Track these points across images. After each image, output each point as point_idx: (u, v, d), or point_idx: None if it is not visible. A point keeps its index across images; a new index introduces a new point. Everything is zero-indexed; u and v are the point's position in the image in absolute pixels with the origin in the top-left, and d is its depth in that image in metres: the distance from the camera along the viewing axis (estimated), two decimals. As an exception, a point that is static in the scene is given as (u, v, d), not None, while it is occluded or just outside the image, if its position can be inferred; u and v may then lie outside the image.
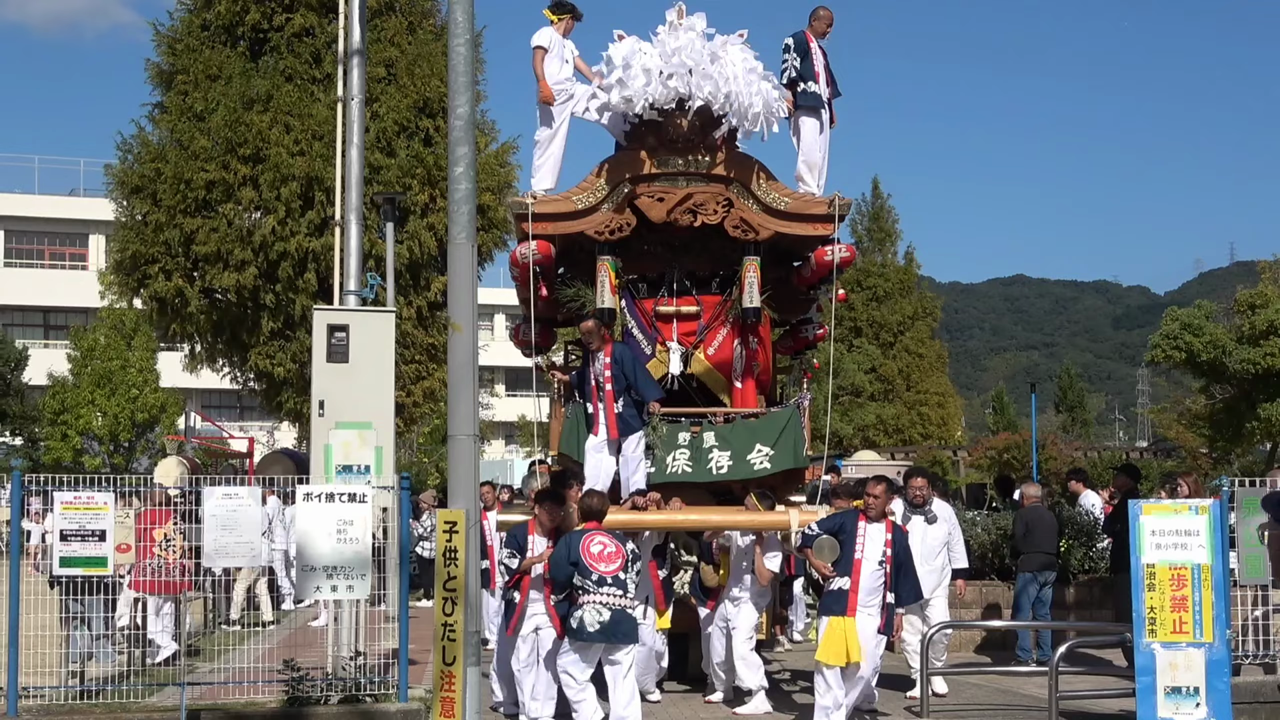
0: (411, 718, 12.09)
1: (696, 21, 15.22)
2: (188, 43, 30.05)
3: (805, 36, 16.38)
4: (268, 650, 15.68)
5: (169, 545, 14.27)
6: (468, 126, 12.00)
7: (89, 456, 52.98)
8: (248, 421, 64.49)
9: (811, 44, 16.36)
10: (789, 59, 16.22)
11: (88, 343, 54.58)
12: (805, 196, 16.02)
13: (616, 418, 14.86)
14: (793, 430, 15.45)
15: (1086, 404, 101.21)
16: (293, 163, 28.64)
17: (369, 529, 12.26)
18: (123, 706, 12.24)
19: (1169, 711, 13.18)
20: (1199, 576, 13.19)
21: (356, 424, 13.62)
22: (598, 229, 15.60)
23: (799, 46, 16.26)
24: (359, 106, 15.74)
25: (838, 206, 15.89)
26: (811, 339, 18.14)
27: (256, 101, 29.10)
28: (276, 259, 28.93)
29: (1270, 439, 41.61)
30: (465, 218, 11.89)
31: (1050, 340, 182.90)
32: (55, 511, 12.04)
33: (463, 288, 12.03)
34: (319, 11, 29.51)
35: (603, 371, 14.92)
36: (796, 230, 15.90)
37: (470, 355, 11.93)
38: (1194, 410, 44.37)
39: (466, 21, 12.04)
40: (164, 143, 29.60)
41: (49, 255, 75.71)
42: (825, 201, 15.93)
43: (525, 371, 59.32)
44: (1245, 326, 39.01)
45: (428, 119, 30.30)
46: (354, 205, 15.65)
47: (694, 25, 15.19)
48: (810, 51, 16.28)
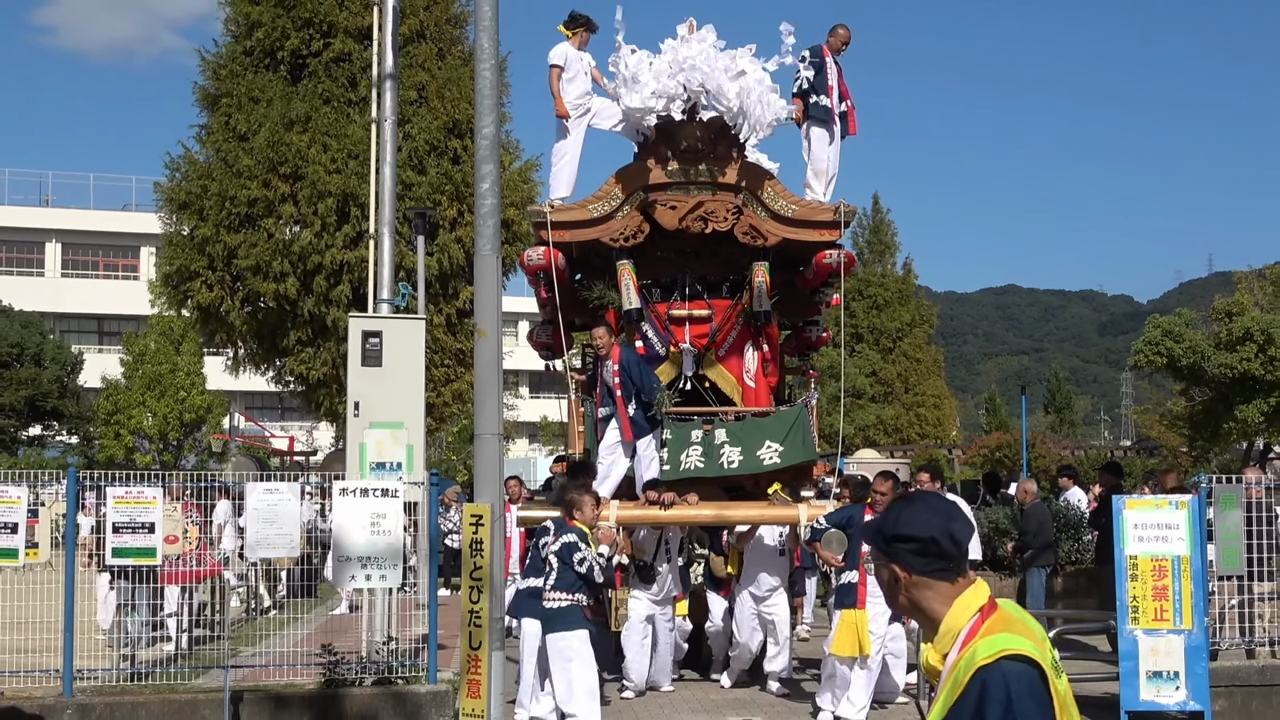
0: (440, 699, 12.08)
1: (707, 34, 15.03)
2: (231, 68, 30.13)
3: (822, 51, 16.22)
4: (306, 635, 15.70)
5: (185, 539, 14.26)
6: (493, 146, 12.02)
7: (140, 454, 53.10)
8: (288, 421, 64.58)
9: (827, 58, 16.21)
10: (803, 71, 16.05)
11: (139, 348, 54.74)
12: (812, 204, 15.91)
13: (629, 421, 14.78)
14: (801, 427, 15.30)
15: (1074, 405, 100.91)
16: (330, 180, 28.72)
17: (400, 522, 12.26)
18: (170, 688, 12.25)
19: (1151, 694, 13.16)
20: (1179, 567, 13.18)
21: (389, 424, 13.62)
22: (613, 236, 15.50)
23: (814, 60, 16.09)
24: (392, 127, 15.74)
25: (843, 213, 15.76)
26: (816, 340, 18.06)
27: (296, 122, 29.17)
28: (313, 270, 29.00)
29: (1246, 438, 41.55)
30: (491, 231, 11.90)
31: (1040, 346, 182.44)
32: (108, 505, 12.05)
33: (488, 296, 12.04)
34: (355, 38, 29.57)
35: (612, 378, 14.84)
36: (804, 236, 15.77)
37: (495, 359, 11.95)
38: (1175, 411, 44.30)
39: (492, 48, 12.06)
40: (210, 161, 29.70)
41: (103, 266, 75.91)
42: (831, 209, 15.81)
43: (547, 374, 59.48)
44: (1223, 333, 38.94)
45: (456, 139, 30.36)
46: (387, 220, 15.66)
47: (705, 38, 15.00)
48: (825, 66, 16.12)
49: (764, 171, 15.66)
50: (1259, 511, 13.75)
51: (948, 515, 3.73)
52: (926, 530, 3.68)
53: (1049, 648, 3.65)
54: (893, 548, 3.73)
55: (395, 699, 12.05)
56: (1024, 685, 3.49)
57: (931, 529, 3.68)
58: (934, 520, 3.70)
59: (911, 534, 3.69)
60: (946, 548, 3.67)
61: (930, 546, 3.67)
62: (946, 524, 3.69)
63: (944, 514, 3.73)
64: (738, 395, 16.01)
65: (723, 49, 15.06)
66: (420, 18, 30.61)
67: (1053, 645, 3.72)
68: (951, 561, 3.69)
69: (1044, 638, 3.68)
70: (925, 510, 3.74)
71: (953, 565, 3.69)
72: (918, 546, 3.68)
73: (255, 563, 17.08)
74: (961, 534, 3.71)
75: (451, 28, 32.04)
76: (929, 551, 3.67)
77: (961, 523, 3.74)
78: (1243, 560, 13.62)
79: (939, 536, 3.67)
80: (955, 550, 3.69)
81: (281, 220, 29.28)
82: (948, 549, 3.67)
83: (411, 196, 27.96)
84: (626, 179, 15.58)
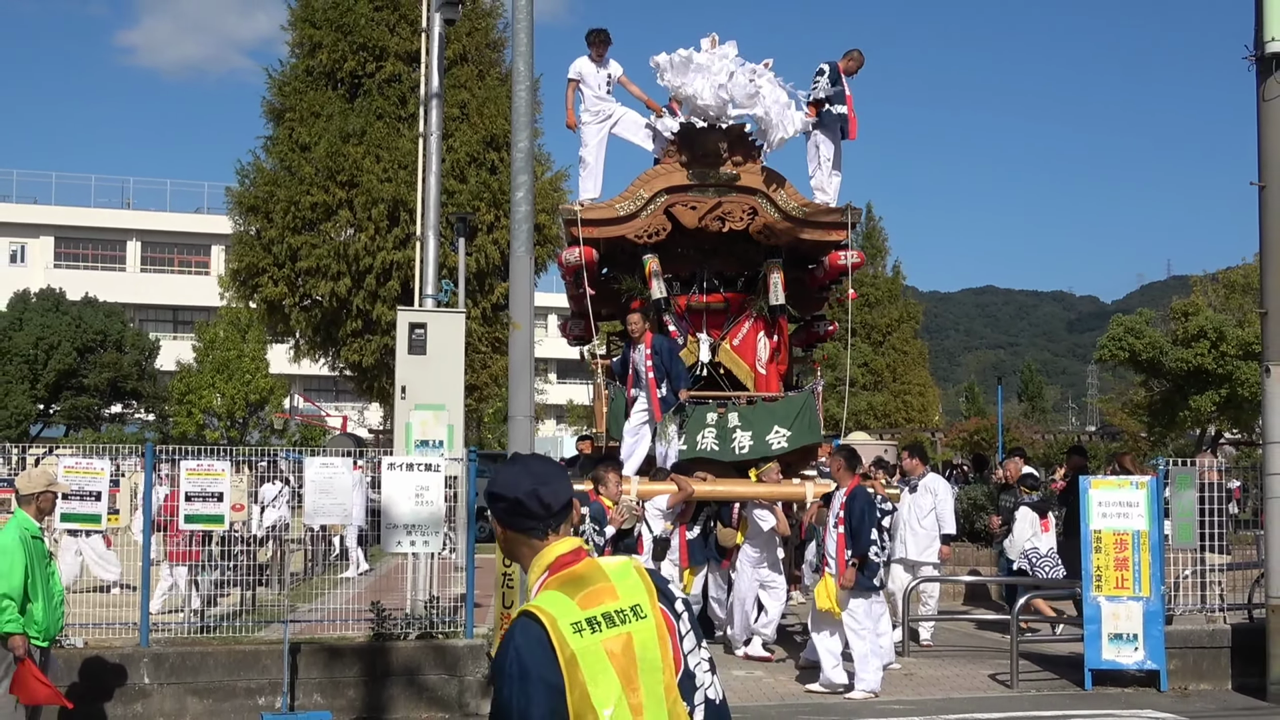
0: (475, 652, 12.09)
1: (729, 49, 14.78)
2: (295, 85, 30.19)
3: (839, 69, 15.93)
4: (355, 594, 15.72)
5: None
6: (527, 158, 12.05)
7: (209, 430, 53.27)
8: (342, 402, 64.62)
9: (843, 77, 15.94)
10: (821, 81, 15.79)
11: (209, 336, 54.96)
12: (821, 206, 15.72)
13: (660, 401, 14.56)
14: (808, 412, 15.12)
15: (1044, 395, 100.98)
16: (381, 188, 28.78)
17: (442, 493, 12.26)
18: (235, 639, 12.27)
19: (1112, 654, 13.15)
20: (1138, 541, 13.17)
21: (432, 406, 13.61)
22: (638, 233, 15.33)
23: (832, 74, 15.83)
24: (437, 142, 15.73)
25: (850, 215, 15.60)
26: (823, 333, 17.79)
27: (352, 136, 29.22)
28: (364, 270, 29.08)
29: (1199, 425, 41.51)
30: (525, 235, 11.93)
31: (1014, 341, 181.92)
32: (181, 476, 12.07)
33: (522, 293, 12.07)
34: (404, 61, 29.62)
35: (644, 360, 14.65)
36: (813, 236, 15.60)
37: (528, 349, 11.99)
38: (1135, 401, 44.29)
39: (527, 71, 12.09)
40: (276, 170, 29.76)
41: (178, 263, 76.08)
42: (840, 210, 15.64)
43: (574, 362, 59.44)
44: (1179, 331, 38.90)
45: (493, 151, 30.38)
46: (432, 224, 15.65)
47: (726, 53, 14.74)
48: (842, 83, 15.86)
49: (777, 175, 15.45)
50: (1211, 492, 13.72)
51: (539, 478, 3.62)
52: (513, 490, 3.59)
53: (609, 606, 3.47)
54: (491, 504, 3.66)
55: (436, 651, 12.06)
56: (528, 637, 3.39)
57: (518, 490, 3.59)
58: (523, 482, 3.61)
59: (502, 493, 3.62)
60: (532, 507, 3.57)
61: (517, 506, 3.59)
62: (535, 486, 3.59)
63: (535, 476, 3.63)
64: (750, 381, 15.80)
65: (742, 64, 14.82)
66: (463, 42, 30.61)
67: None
68: (538, 520, 3.59)
69: (616, 597, 3.51)
70: (519, 472, 3.65)
71: (539, 524, 3.59)
72: (507, 505, 3.61)
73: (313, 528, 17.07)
74: (551, 496, 3.60)
75: (490, 51, 32.04)
76: (516, 511, 3.59)
77: (554, 486, 3.63)
78: (1195, 535, 13.59)
79: (524, 497, 3.57)
80: (542, 510, 3.58)
81: (338, 224, 29.34)
82: (533, 509, 3.58)
83: (454, 203, 27.96)
84: (650, 181, 15.38)
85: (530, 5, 12.11)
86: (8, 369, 54.20)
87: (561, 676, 3.36)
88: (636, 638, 3.48)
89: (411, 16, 28.67)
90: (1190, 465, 14.09)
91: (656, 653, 3.50)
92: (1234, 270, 43.89)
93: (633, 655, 3.45)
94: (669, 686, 3.50)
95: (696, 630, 3.69)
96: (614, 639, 3.44)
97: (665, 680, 3.50)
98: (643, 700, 3.42)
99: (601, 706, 3.36)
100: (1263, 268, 13.51)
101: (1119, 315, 42.36)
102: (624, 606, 3.50)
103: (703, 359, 15.76)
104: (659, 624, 3.55)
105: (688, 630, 3.65)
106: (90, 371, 55.49)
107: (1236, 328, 37.63)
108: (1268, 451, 13.12)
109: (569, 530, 3.70)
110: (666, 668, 3.51)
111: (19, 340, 54.60)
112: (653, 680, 3.47)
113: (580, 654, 3.38)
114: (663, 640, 3.53)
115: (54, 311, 56.26)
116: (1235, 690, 13.39)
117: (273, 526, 17.09)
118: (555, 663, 3.37)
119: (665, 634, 3.56)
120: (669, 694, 3.49)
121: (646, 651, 3.48)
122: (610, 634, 3.44)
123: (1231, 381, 37.16)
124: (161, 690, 11.48)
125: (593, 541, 12.47)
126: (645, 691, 3.44)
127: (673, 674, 3.53)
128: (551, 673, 3.37)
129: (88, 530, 13.19)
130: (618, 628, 3.46)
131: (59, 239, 74.01)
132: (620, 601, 3.51)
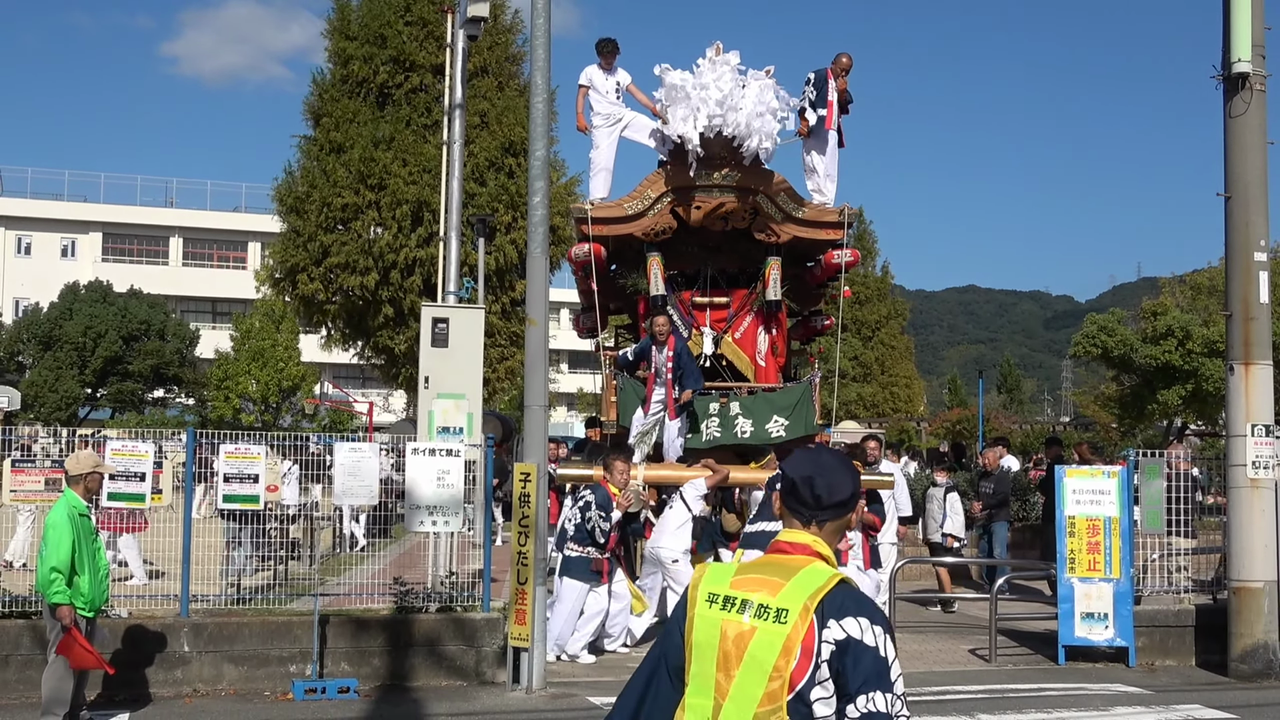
0: (492, 624, 12.08)
1: (731, 57, 14.42)
2: (331, 93, 30.21)
3: (826, 74, 15.57)
4: (380, 569, 15.71)
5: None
6: (544, 166, 12.01)
7: (245, 415, 53.32)
8: (368, 389, 64.58)
9: (830, 80, 15.54)
10: (807, 90, 15.52)
11: (246, 326, 54.94)
12: (819, 206, 15.53)
13: (675, 401, 14.34)
14: (805, 403, 14.93)
15: (1022, 387, 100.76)
16: (407, 190, 28.77)
17: (462, 477, 12.25)
18: (269, 611, 12.25)
19: (1084, 632, 13.14)
20: (1109, 527, 13.16)
21: (453, 395, 13.59)
22: (645, 231, 15.16)
23: (818, 81, 15.51)
24: (460, 149, 15.71)
25: (846, 215, 15.46)
26: (820, 327, 17.62)
27: (382, 142, 29.23)
28: (389, 266, 29.10)
29: (1166, 418, 41.50)
30: (541, 237, 11.90)
31: (994, 337, 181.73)
32: (219, 458, 12.05)
33: (538, 290, 12.05)
34: (431, 73, 29.62)
35: (665, 363, 14.38)
36: (812, 235, 15.42)
37: (543, 342, 11.97)
38: (1107, 394, 44.28)
39: (544, 84, 12.06)
40: (313, 172, 29.78)
41: (216, 258, 76.13)
42: (836, 211, 15.48)
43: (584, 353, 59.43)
44: (1149, 329, 38.91)
45: (511, 157, 30.32)
46: (455, 225, 15.63)
47: (729, 60, 14.39)
48: (825, 85, 15.49)
49: (778, 177, 15.21)
50: (1179, 481, 13.69)
51: (820, 470, 3.43)
52: (794, 472, 3.46)
53: (755, 597, 3.28)
54: (780, 479, 3.56)
55: (455, 624, 12.05)
56: (691, 584, 3.47)
57: (797, 473, 3.44)
58: (805, 468, 3.44)
59: (786, 471, 3.51)
60: (803, 493, 3.42)
61: (792, 487, 3.46)
62: (813, 474, 3.41)
63: (818, 467, 3.43)
64: (751, 373, 15.65)
65: (744, 72, 14.51)
66: (484, 56, 30.53)
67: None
68: (805, 507, 3.43)
69: (772, 595, 3.28)
70: (807, 459, 3.51)
71: (804, 511, 3.42)
72: (786, 484, 3.48)
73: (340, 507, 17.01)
74: (823, 489, 3.39)
75: (509, 64, 31.94)
76: (790, 491, 3.47)
77: (831, 481, 3.40)
78: (1163, 521, 13.56)
79: (799, 482, 3.43)
80: (810, 499, 3.42)
81: (365, 223, 29.37)
82: (803, 495, 3.43)
83: (474, 205, 27.93)
84: (657, 181, 15.19)
85: (548, 24, 12.06)
86: (59, 355, 54.45)
87: (685, 626, 3.41)
88: (760, 636, 3.25)
89: (438, 32, 28.64)
90: (1159, 456, 14.07)
91: (772, 659, 3.22)
92: (1200, 273, 43.91)
93: (744, 648, 3.27)
94: (771, 695, 3.21)
95: (855, 675, 3.17)
96: (735, 624, 3.30)
97: (769, 688, 3.22)
98: (731, 690, 3.26)
99: (691, 670, 3.37)
100: (1228, 273, 13.48)
101: (1093, 314, 42.40)
102: (770, 605, 3.27)
103: (706, 351, 15.58)
104: (794, 638, 3.21)
105: (823, 663, 3.20)
106: (135, 359, 55.68)
107: (1202, 327, 37.64)
108: (1230, 444, 13.10)
109: (838, 529, 3.47)
110: (776, 678, 3.22)
111: (69, 329, 54.82)
112: (751, 679, 3.25)
113: (698, 620, 3.38)
114: (787, 652, 3.21)
115: (101, 302, 56.43)
116: (1199, 666, 13.39)
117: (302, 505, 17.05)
118: (685, 612, 3.42)
119: (794, 650, 3.21)
120: (769, 701, 3.21)
121: (761, 652, 3.24)
122: (735, 618, 3.31)
123: (1197, 377, 37.18)
124: (200, 658, 11.48)
125: (598, 527, 12.60)
126: (738, 684, 3.26)
127: (784, 688, 3.20)
128: (682, 617, 3.44)
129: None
130: (747, 618, 3.29)
131: (107, 235, 74.09)
132: (771, 600, 3.28)
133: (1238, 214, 13.08)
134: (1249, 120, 12.98)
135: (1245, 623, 12.86)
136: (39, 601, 10.09)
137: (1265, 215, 13.16)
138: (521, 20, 32.67)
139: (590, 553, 12.78)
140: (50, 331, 55.45)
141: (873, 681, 3.16)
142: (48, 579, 9.15)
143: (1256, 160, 13.06)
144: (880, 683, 3.16)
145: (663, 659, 3.47)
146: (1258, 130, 13.04)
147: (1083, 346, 40.18)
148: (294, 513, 16.07)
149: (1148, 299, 43.49)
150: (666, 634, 3.49)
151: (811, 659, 3.20)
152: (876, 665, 3.18)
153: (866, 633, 3.21)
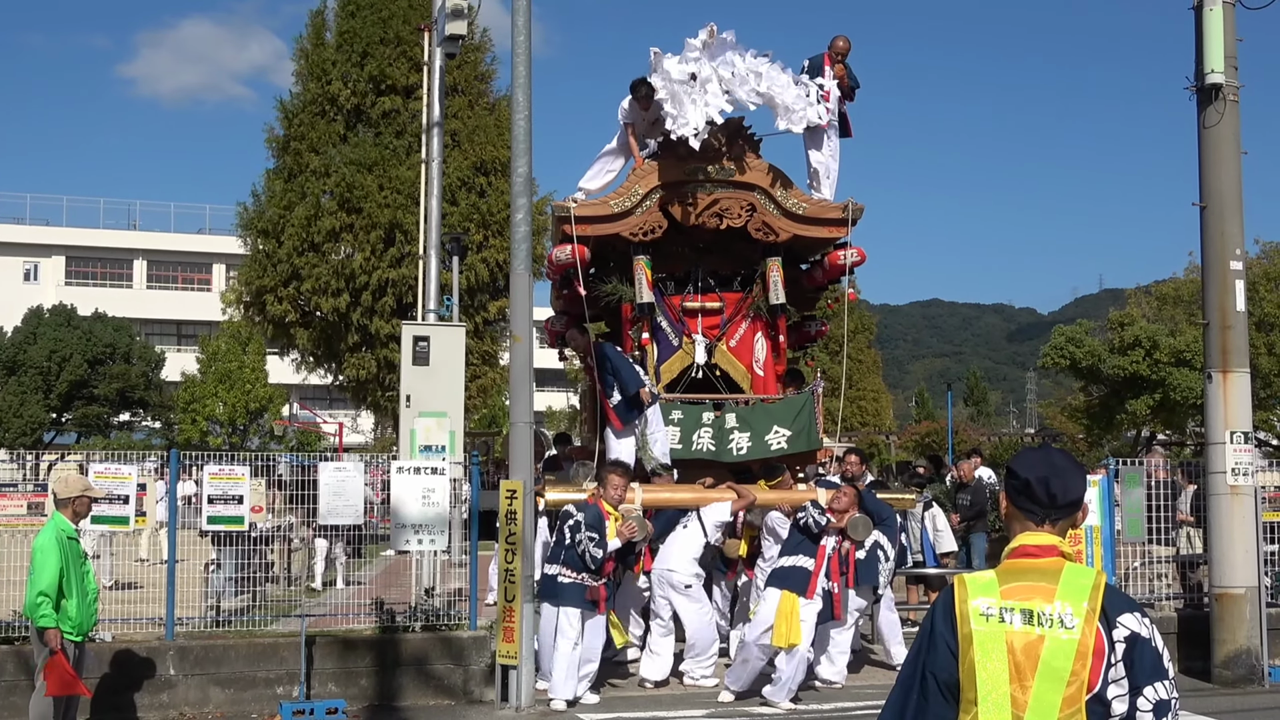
0: (479, 643, 12.03)
1: (727, 38, 13.46)
2: (301, 117, 30.16)
3: (823, 60, 14.68)
4: (363, 589, 15.62)
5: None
6: (526, 182, 12.01)
7: (213, 437, 53.08)
8: (335, 410, 64.27)
9: (827, 67, 14.64)
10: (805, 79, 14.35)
11: (212, 348, 54.76)
12: (821, 202, 14.37)
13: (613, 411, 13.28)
14: (808, 414, 13.86)
15: (988, 399, 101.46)
16: (381, 212, 28.78)
17: (447, 495, 12.21)
18: (253, 633, 12.18)
19: (1068, 640, 13.18)
20: (1091, 535, 13.23)
21: (435, 413, 13.57)
22: (632, 230, 13.82)
23: (814, 69, 14.54)
24: (438, 167, 15.71)
25: (851, 210, 14.20)
26: (814, 334, 16.16)
27: (361, 165, 29.27)
28: (361, 288, 29.07)
29: (1135, 428, 41.82)
30: (524, 254, 11.89)
31: (959, 350, 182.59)
32: (204, 479, 11.96)
33: (521, 308, 12.04)
34: (401, 94, 29.66)
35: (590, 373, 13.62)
36: (813, 233, 14.22)
37: (527, 360, 11.94)
38: (1074, 405, 44.58)
39: (525, 101, 12.05)
40: (287, 195, 29.72)
41: (181, 280, 75.67)
42: (840, 206, 14.25)
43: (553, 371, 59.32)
44: (1116, 340, 39.23)
45: (482, 176, 30.41)
46: (434, 244, 15.64)
47: (727, 41, 13.43)
48: (824, 75, 14.55)
49: (777, 171, 14.11)
50: (1159, 489, 13.79)
51: (1054, 470, 3.51)
52: (1027, 472, 3.51)
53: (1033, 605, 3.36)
54: (1006, 479, 3.59)
55: (442, 642, 12.00)
56: (944, 600, 3.46)
57: (1032, 473, 3.52)
58: (1039, 468, 3.52)
59: (1017, 471, 3.54)
60: (1038, 493, 3.49)
61: (1025, 487, 3.53)
62: (1047, 475, 3.49)
63: (1052, 468, 3.51)
64: (747, 383, 14.30)
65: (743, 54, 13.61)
66: (454, 75, 30.58)
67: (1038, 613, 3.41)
68: (1039, 507, 3.51)
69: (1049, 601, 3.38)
70: (1040, 459, 3.55)
71: (1038, 511, 3.51)
72: (1018, 484, 3.53)
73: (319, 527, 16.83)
74: (1059, 489, 3.48)
75: (479, 83, 32.04)
76: (1023, 491, 3.53)
77: (1066, 481, 3.49)
78: (1144, 529, 13.66)
79: (1034, 481, 3.50)
80: (1045, 499, 3.49)
81: (340, 246, 29.38)
82: (1038, 494, 3.50)
83: (446, 224, 27.88)
84: (646, 176, 13.92)
85: (528, 40, 12.07)
86: (23, 380, 53.98)
87: (957, 645, 3.38)
88: (1048, 644, 3.33)
89: (411, 53, 28.69)
90: (1138, 465, 14.17)
91: (1067, 665, 3.32)
92: (1165, 283, 44.31)
93: (1035, 657, 3.33)
94: (1070, 700, 3.31)
95: (1141, 668, 3.35)
96: (1021, 635, 3.35)
97: (1067, 693, 3.31)
98: (1030, 700, 3.31)
99: (981, 688, 3.34)
100: (1204, 281, 13.61)
101: (1060, 325, 42.71)
102: (1050, 612, 3.36)
103: (698, 360, 14.27)
104: (1084, 641, 3.33)
105: (1118, 661, 3.35)
106: (100, 382, 55.21)
107: (1169, 337, 37.98)
108: (1210, 452, 13.20)
109: (1064, 529, 3.56)
110: (1074, 682, 3.32)
111: (33, 353, 54.38)
112: (1049, 688, 3.32)
113: (977, 636, 3.36)
114: (1080, 657, 3.32)
115: (65, 326, 55.99)
116: (1181, 673, 13.41)
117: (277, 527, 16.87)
118: (954, 630, 3.39)
119: (1088, 653, 3.32)
120: (1068, 706, 3.31)
121: (1054, 659, 3.33)
122: (1019, 630, 3.36)
123: (1164, 386, 37.50)
124: (186, 681, 11.40)
125: (589, 553, 11.31)
126: (1035, 695, 3.32)
127: (1082, 691, 3.31)
128: (949, 636, 3.41)
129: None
130: (1030, 627, 3.36)
131: (70, 258, 73.50)
132: (1050, 606, 3.36)
133: (1213, 223, 13.22)
134: (1223, 130, 13.13)
135: (1228, 629, 12.95)
136: (24, 627, 9.99)
137: (1240, 224, 13.31)
138: (490, 39, 32.77)
139: (584, 579, 11.40)
140: (14, 356, 54.94)
141: (1157, 672, 3.35)
142: (35, 603, 9.06)
143: (1230, 170, 13.20)
144: (1160, 672, 3.35)
145: (928, 673, 3.45)
146: (1231, 141, 13.19)
147: (1051, 358, 40.47)
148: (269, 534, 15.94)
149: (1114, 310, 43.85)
150: (931, 647, 3.46)
151: (1103, 659, 3.34)
152: (1155, 657, 3.37)
153: (1143, 627, 3.38)
